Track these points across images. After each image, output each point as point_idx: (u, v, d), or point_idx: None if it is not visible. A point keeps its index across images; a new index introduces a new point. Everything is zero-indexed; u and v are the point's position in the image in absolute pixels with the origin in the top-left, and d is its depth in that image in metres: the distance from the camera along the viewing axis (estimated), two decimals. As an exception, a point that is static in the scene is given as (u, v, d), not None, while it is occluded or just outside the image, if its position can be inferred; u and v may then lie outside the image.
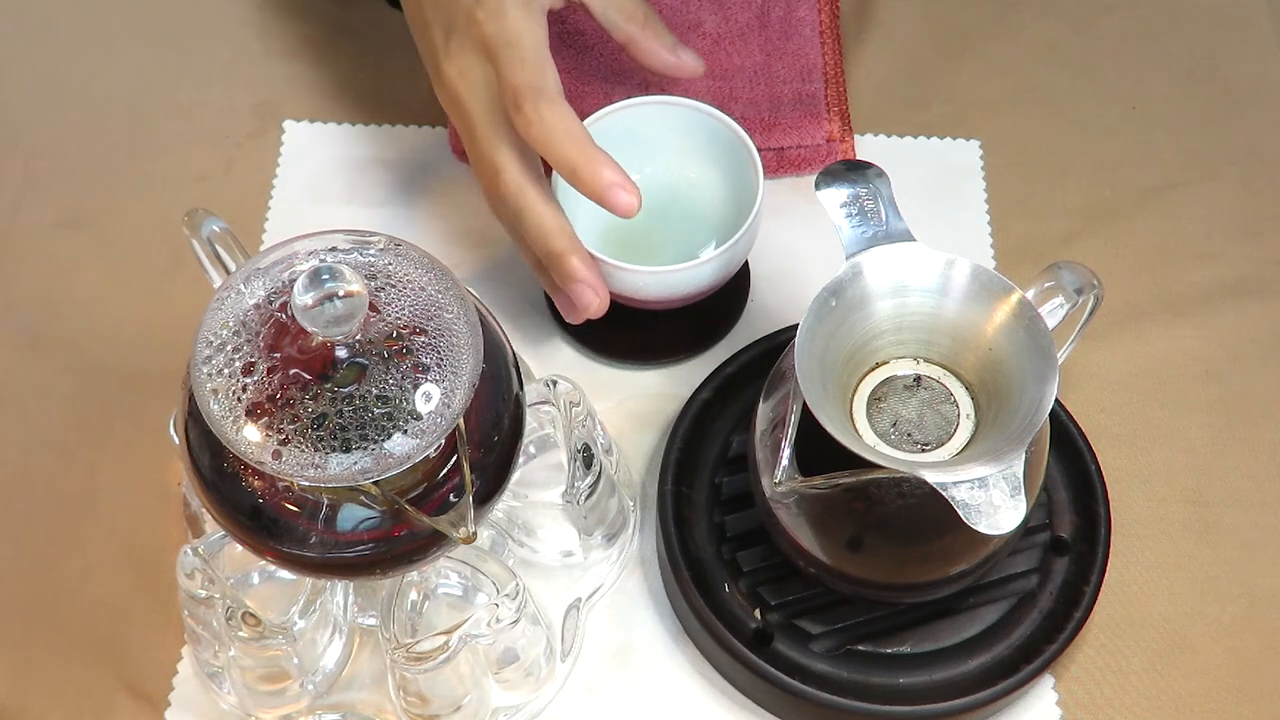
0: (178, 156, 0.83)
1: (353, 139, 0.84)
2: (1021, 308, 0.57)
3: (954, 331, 0.58)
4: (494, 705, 0.65)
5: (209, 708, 0.67)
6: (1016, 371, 0.56)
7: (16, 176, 0.83)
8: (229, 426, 0.51)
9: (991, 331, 0.57)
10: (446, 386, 0.52)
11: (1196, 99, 0.85)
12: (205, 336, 0.53)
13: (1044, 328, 0.56)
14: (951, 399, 0.59)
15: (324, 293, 0.51)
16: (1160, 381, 0.75)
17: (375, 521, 0.55)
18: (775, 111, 0.80)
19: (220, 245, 0.60)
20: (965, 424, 0.58)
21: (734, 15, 0.83)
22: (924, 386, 0.59)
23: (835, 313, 0.57)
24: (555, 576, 0.68)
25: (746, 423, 0.65)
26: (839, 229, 0.59)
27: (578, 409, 0.64)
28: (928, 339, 0.59)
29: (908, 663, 0.65)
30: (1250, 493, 0.72)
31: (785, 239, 0.79)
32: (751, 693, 0.67)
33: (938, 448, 0.57)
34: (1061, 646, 0.64)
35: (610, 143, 0.74)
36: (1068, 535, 0.67)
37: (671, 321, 0.76)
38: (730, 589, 0.66)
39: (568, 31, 0.83)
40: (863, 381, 0.59)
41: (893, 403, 0.59)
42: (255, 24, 0.89)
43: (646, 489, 0.72)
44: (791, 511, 0.61)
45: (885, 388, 0.59)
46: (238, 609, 0.61)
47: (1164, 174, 0.82)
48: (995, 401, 0.57)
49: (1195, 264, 0.79)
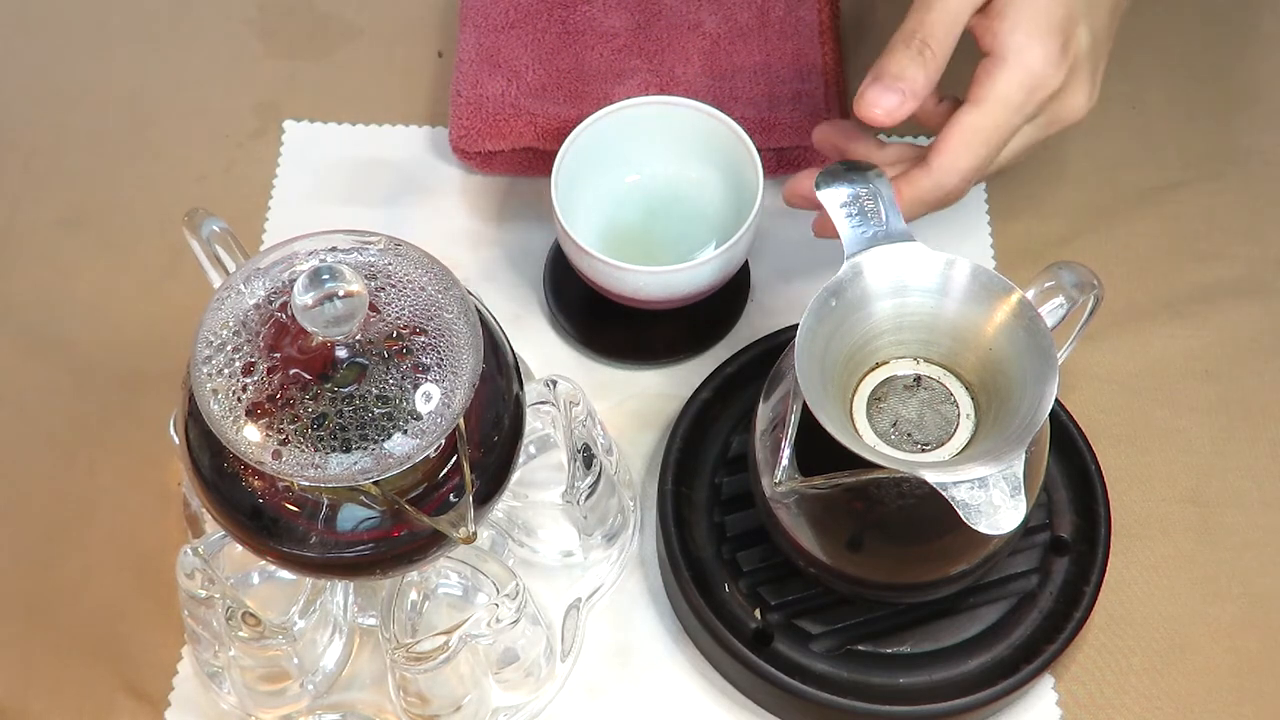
0: (178, 156, 0.83)
1: (353, 139, 0.84)
2: (1021, 308, 0.57)
3: (954, 331, 0.58)
4: (494, 705, 0.65)
5: (209, 708, 0.67)
6: (1017, 371, 0.56)
7: (16, 176, 0.83)
8: (229, 426, 0.51)
9: (991, 331, 0.57)
10: (446, 386, 0.52)
11: (1196, 99, 0.85)
12: (205, 336, 0.53)
13: (1044, 328, 0.56)
14: (951, 399, 0.59)
15: (324, 293, 0.51)
16: (1160, 381, 0.75)
17: (375, 521, 0.55)
18: (775, 111, 0.80)
19: (220, 245, 0.60)
20: (965, 424, 0.58)
21: (734, 15, 0.84)
22: (924, 386, 0.59)
23: (835, 313, 0.57)
24: (555, 576, 0.68)
25: (746, 423, 0.65)
26: (839, 229, 0.59)
27: (578, 409, 0.64)
28: (928, 339, 0.59)
29: (908, 663, 0.65)
30: (1250, 493, 0.72)
31: (785, 239, 0.79)
32: (751, 693, 0.67)
33: (938, 448, 0.57)
34: (1061, 646, 0.64)
35: (610, 143, 0.74)
36: (1068, 535, 0.67)
37: (671, 321, 0.76)
38: (730, 589, 0.66)
39: (568, 31, 0.83)
40: (863, 381, 0.59)
41: (893, 403, 0.59)
42: (255, 24, 0.89)
43: (646, 489, 0.72)
44: (791, 511, 0.61)
45: (885, 388, 0.59)
46: (238, 609, 0.61)
47: (1164, 174, 0.82)
48: (995, 401, 0.57)
49: (1195, 264, 0.79)
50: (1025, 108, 0.64)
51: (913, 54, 0.63)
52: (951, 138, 0.64)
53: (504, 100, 0.80)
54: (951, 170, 0.64)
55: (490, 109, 0.79)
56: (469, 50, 0.82)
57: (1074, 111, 0.66)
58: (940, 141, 0.64)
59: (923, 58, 0.63)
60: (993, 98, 0.63)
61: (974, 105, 0.64)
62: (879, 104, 0.63)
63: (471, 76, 0.81)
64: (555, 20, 0.83)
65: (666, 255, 0.75)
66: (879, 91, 0.63)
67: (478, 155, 0.80)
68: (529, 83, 0.81)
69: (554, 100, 0.80)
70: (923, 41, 0.63)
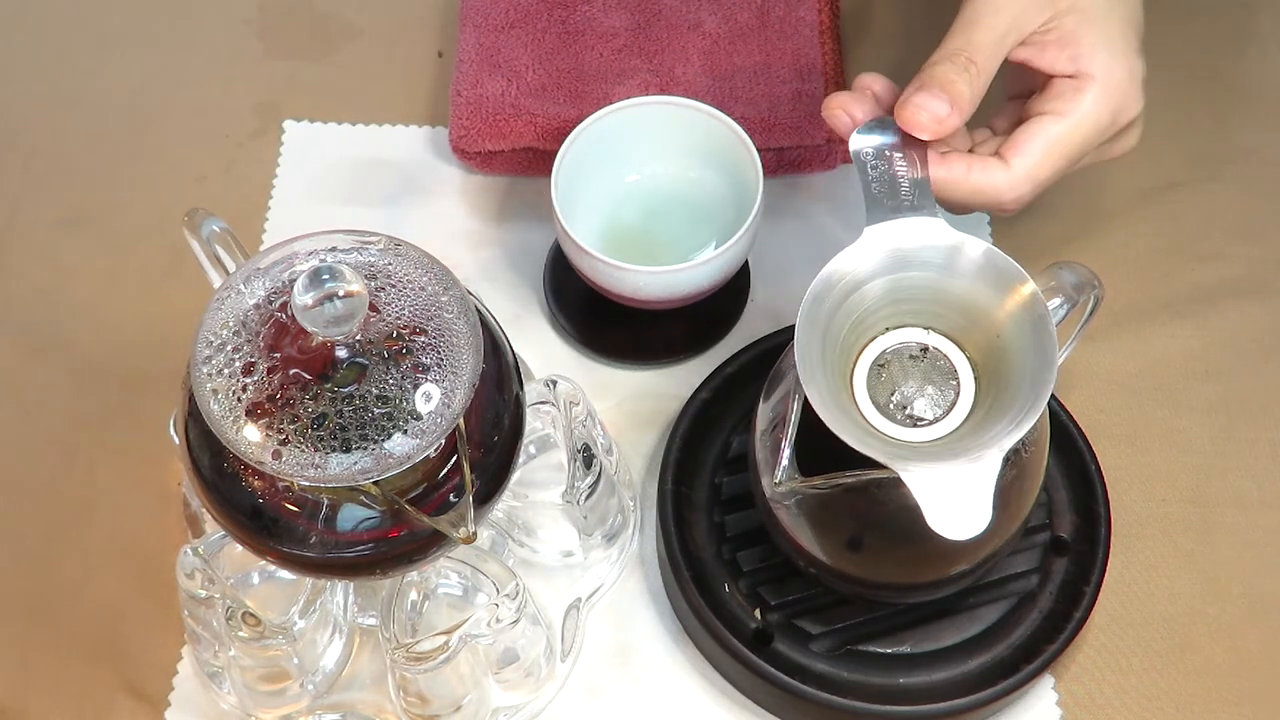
0: (178, 156, 0.83)
1: (353, 139, 0.84)
2: (1034, 301, 0.55)
3: (965, 309, 0.57)
4: (494, 705, 0.65)
5: (209, 708, 0.67)
6: (1019, 365, 0.55)
7: (16, 176, 0.83)
8: (229, 426, 0.51)
9: (1002, 318, 0.56)
10: (446, 386, 0.52)
11: (1196, 99, 0.85)
12: (205, 336, 0.53)
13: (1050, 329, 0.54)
14: (954, 377, 0.57)
15: (324, 293, 0.51)
16: (1160, 381, 0.75)
17: (375, 521, 0.55)
18: (775, 111, 0.80)
19: (220, 245, 0.60)
20: (962, 405, 0.57)
21: (734, 15, 0.84)
22: (930, 358, 0.58)
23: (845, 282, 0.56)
24: (555, 576, 0.68)
25: (746, 423, 0.65)
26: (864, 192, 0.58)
27: (578, 409, 0.64)
28: (939, 311, 0.57)
29: (908, 663, 0.65)
30: (1250, 492, 0.72)
31: (785, 239, 0.79)
32: (751, 693, 0.67)
33: (931, 424, 0.57)
34: (1061, 646, 0.64)
35: (610, 143, 0.74)
36: (1068, 535, 0.67)
37: (671, 321, 0.76)
38: (730, 589, 0.66)
39: (568, 31, 0.83)
40: (869, 345, 0.58)
41: (894, 371, 0.57)
42: (255, 24, 0.89)
43: (646, 489, 0.72)
44: (791, 511, 0.61)
45: (890, 355, 0.58)
46: (238, 609, 0.61)
47: (1164, 174, 0.82)
48: (994, 390, 0.56)
49: (1195, 264, 0.79)
50: (1108, 130, 0.63)
51: (959, 68, 0.61)
52: (1034, 144, 0.62)
53: (504, 100, 0.80)
54: (1029, 177, 0.62)
55: (490, 109, 0.79)
56: (469, 50, 0.82)
57: (1128, 144, 0.66)
58: (1021, 144, 0.62)
59: (968, 74, 0.61)
60: (1081, 114, 0.62)
61: (1060, 118, 0.62)
62: (925, 108, 0.60)
63: (471, 76, 0.81)
64: (555, 20, 0.83)
65: (666, 255, 0.75)
66: (927, 97, 0.60)
67: (478, 155, 0.80)
68: (529, 83, 0.81)
69: (554, 100, 0.80)
70: (968, 59, 0.61)
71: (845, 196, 0.81)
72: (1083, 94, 0.62)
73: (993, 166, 0.62)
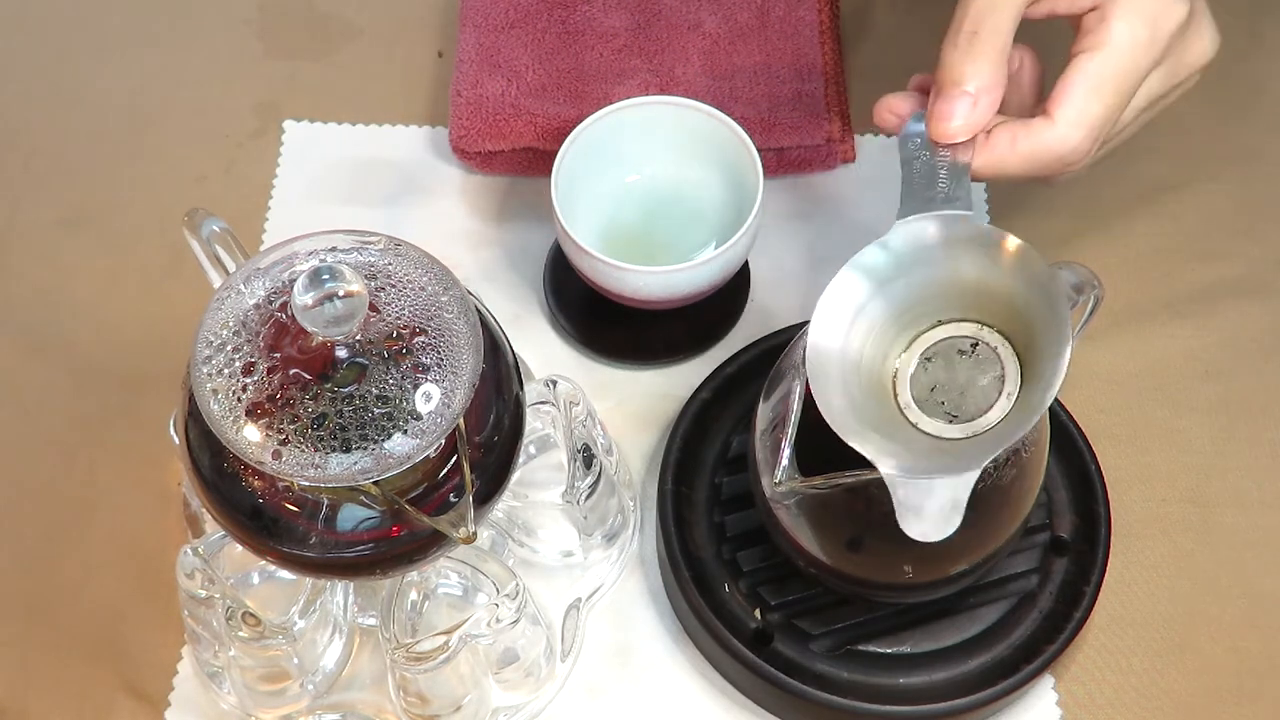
0: (178, 156, 0.83)
1: (353, 139, 0.84)
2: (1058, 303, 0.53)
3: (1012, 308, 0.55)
4: (494, 705, 0.65)
5: (209, 708, 0.67)
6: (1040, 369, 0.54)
7: (16, 176, 0.83)
8: (229, 426, 0.51)
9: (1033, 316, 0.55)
10: (446, 386, 0.52)
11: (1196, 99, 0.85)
12: (205, 336, 0.53)
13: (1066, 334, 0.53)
14: (1000, 374, 0.57)
15: (324, 293, 0.51)
16: (1160, 381, 0.75)
17: (375, 521, 0.55)
18: (775, 111, 0.80)
19: (220, 245, 0.60)
20: (1003, 402, 0.55)
21: (734, 15, 0.84)
22: (978, 355, 0.56)
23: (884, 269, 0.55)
24: (555, 576, 0.68)
25: (746, 423, 0.65)
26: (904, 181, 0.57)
27: (578, 409, 0.64)
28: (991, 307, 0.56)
29: (908, 663, 0.65)
30: (1250, 493, 0.72)
31: (785, 239, 0.79)
32: (751, 693, 0.67)
33: (968, 421, 0.56)
34: (1061, 646, 0.64)
35: (610, 143, 0.74)
36: (1068, 535, 0.67)
37: (671, 321, 0.76)
38: (730, 589, 0.66)
39: (568, 31, 0.83)
40: (921, 336, 0.57)
41: (938, 365, 0.56)
42: (255, 24, 0.89)
43: (646, 489, 0.72)
44: (791, 511, 0.61)
45: (940, 347, 0.57)
46: (238, 609, 0.61)
47: (1164, 174, 0.82)
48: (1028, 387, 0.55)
49: (1195, 264, 0.79)
50: (1153, 46, 0.58)
51: (961, 50, 0.58)
52: (1074, 86, 0.58)
53: (504, 100, 0.80)
54: (1078, 122, 0.58)
55: (490, 109, 0.79)
56: (469, 50, 0.82)
57: (1202, 53, 0.61)
58: (1059, 92, 0.58)
59: (974, 47, 0.57)
60: (1113, 41, 0.57)
61: (1094, 53, 0.58)
62: (949, 116, 0.58)
63: (471, 76, 0.81)
64: (555, 20, 0.83)
65: (666, 255, 0.75)
66: (944, 104, 0.58)
67: (478, 155, 0.80)
68: (529, 83, 0.81)
69: (554, 100, 0.80)
70: (971, 31, 0.58)
71: (846, 196, 0.81)
72: (1109, 20, 0.58)
73: (1036, 127, 0.59)
